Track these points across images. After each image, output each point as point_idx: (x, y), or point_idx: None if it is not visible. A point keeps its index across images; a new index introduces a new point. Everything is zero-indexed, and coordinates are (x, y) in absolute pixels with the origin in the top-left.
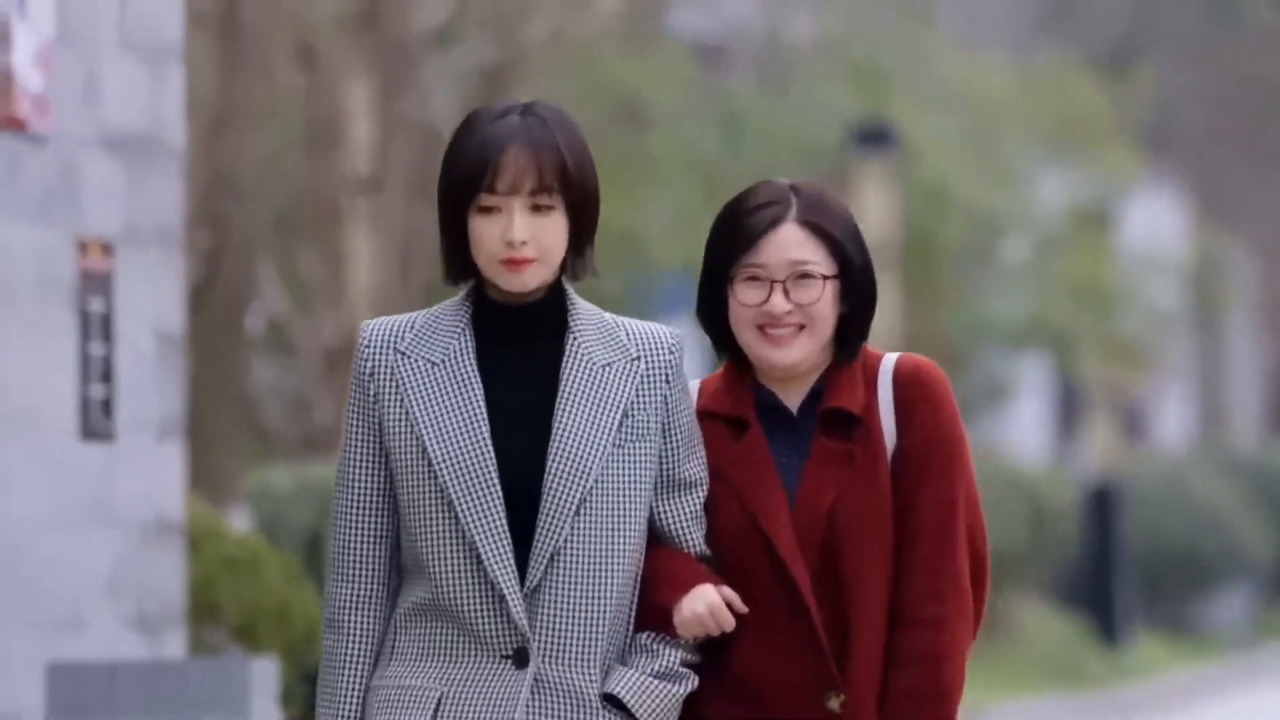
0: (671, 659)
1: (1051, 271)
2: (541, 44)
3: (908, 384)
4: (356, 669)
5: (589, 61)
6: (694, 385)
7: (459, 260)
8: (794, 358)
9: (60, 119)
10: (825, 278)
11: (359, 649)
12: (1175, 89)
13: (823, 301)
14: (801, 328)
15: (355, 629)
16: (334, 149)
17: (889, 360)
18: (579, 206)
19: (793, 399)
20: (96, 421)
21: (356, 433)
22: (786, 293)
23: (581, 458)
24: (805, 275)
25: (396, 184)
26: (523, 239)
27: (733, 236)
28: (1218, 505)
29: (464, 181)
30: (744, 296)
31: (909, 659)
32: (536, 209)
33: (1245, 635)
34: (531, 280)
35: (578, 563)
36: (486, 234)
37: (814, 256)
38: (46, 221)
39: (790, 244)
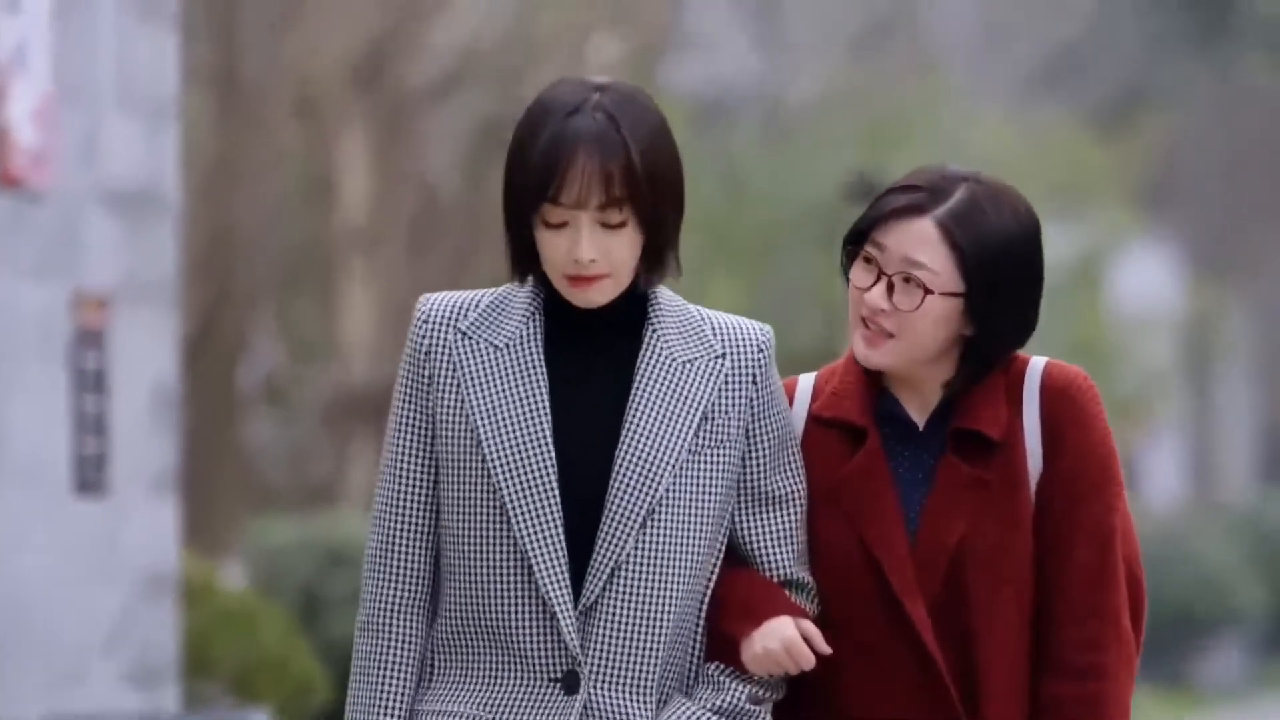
0: (738, 695)
1: (1046, 329)
2: None
3: (1058, 401)
4: (399, 676)
5: None
6: (808, 380)
7: (525, 260)
8: (878, 362)
9: (59, 175)
10: (931, 291)
11: (402, 655)
12: (1174, 145)
13: (922, 315)
14: (890, 336)
15: (397, 633)
16: (332, 202)
17: (1035, 369)
18: (657, 216)
19: (918, 410)
20: (90, 476)
21: (406, 417)
22: (891, 289)
23: (653, 464)
24: (909, 279)
25: (394, 237)
26: (591, 257)
27: (874, 203)
28: (1211, 559)
29: (528, 191)
30: (855, 276)
31: (1067, 712)
32: (606, 225)
33: (1239, 689)
34: (600, 297)
35: (640, 580)
36: (552, 249)
37: (934, 264)
38: (44, 277)
39: (915, 240)
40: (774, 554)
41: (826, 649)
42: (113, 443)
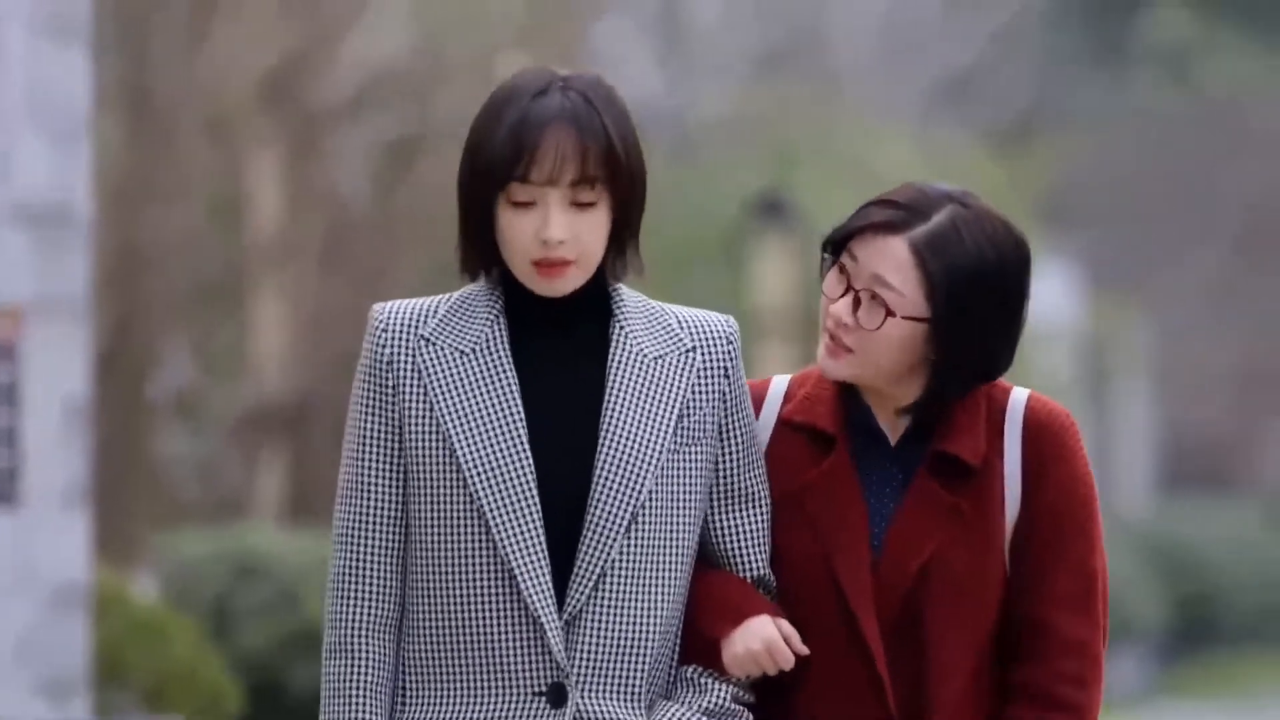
0: (721, 695)
1: None
2: (450, 120)
3: (1041, 436)
4: (372, 699)
5: None
6: (781, 382)
7: (481, 254)
8: (837, 374)
9: None
10: (894, 314)
11: (374, 677)
12: (1072, 164)
13: (882, 336)
14: (849, 350)
15: (370, 655)
16: (243, 219)
17: (1017, 402)
18: (626, 199)
19: (890, 424)
20: (1, 489)
21: (370, 430)
22: (858, 304)
23: (635, 465)
24: (875, 297)
25: (305, 253)
26: (560, 238)
27: (856, 213)
28: (1111, 570)
29: (493, 168)
30: (828, 284)
31: None
32: (577, 204)
33: (1137, 699)
34: (566, 285)
35: (625, 586)
36: (518, 231)
37: (902, 287)
38: None
39: (886, 258)
40: (748, 553)
41: (804, 649)
42: (24, 456)
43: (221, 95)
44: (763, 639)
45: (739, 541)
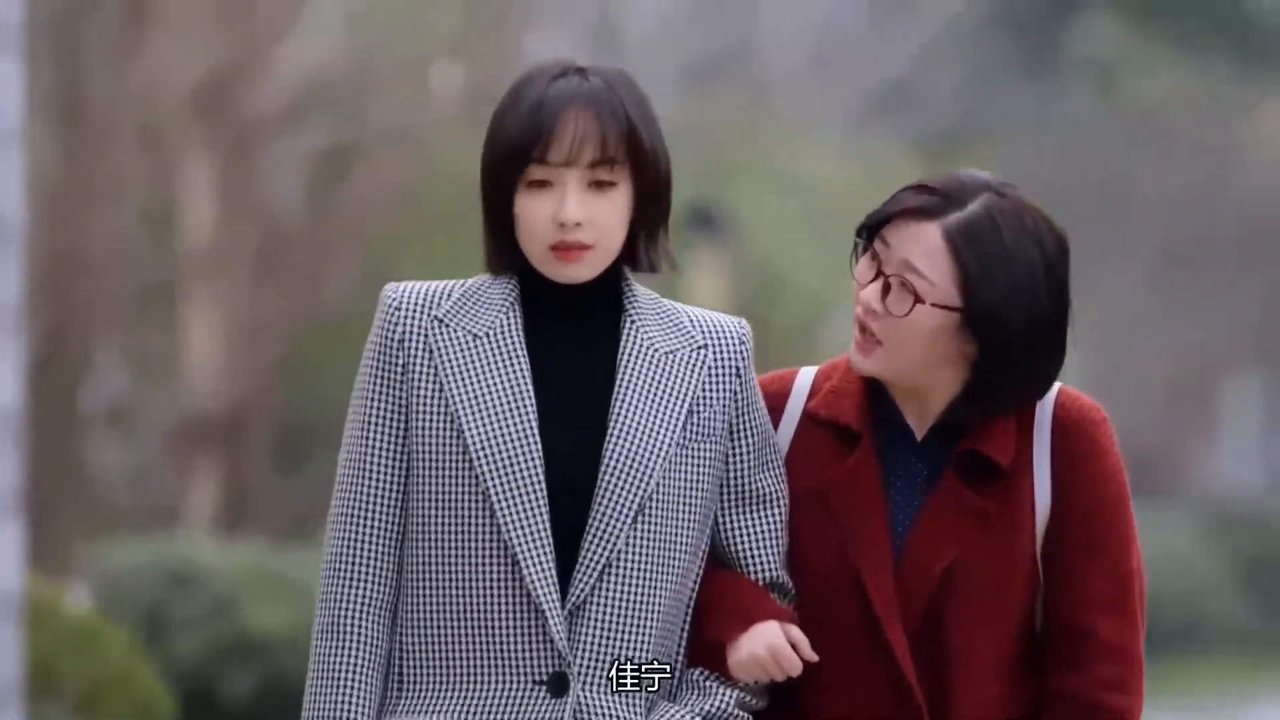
0: (725, 700)
1: None
2: (384, 130)
3: (1072, 434)
4: (364, 682)
5: (432, 147)
6: (808, 375)
7: (504, 247)
8: (867, 369)
9: None
10: (922, 300)
11: (366, 659)
12: (1002, 174)
13: (911, 324)
14: (879, 342)
15: (363, 636)
16: (176, 228)
17: (1047, 398)
18: (651, 183)
19: (917, 418)
20: None
21: (376, 409)
22: (887, 291)
23: (643, 457)
24: (905, 284)
25: (239, 262)
26: (577, 220)
27: (890, 199)
28: None
29: (511, 150)
30: (859, 269)
31: None
32: (596, 184)
33: None
34: (585, 272)
35: (630, 578)
36: (535, 213)
37: (932, 274)
38: None
39: (917, 244)
40: (759, 555)
41: (813, 656)
42: None
43: (155, 104)
44: (768, 645)
45: (750, 543)
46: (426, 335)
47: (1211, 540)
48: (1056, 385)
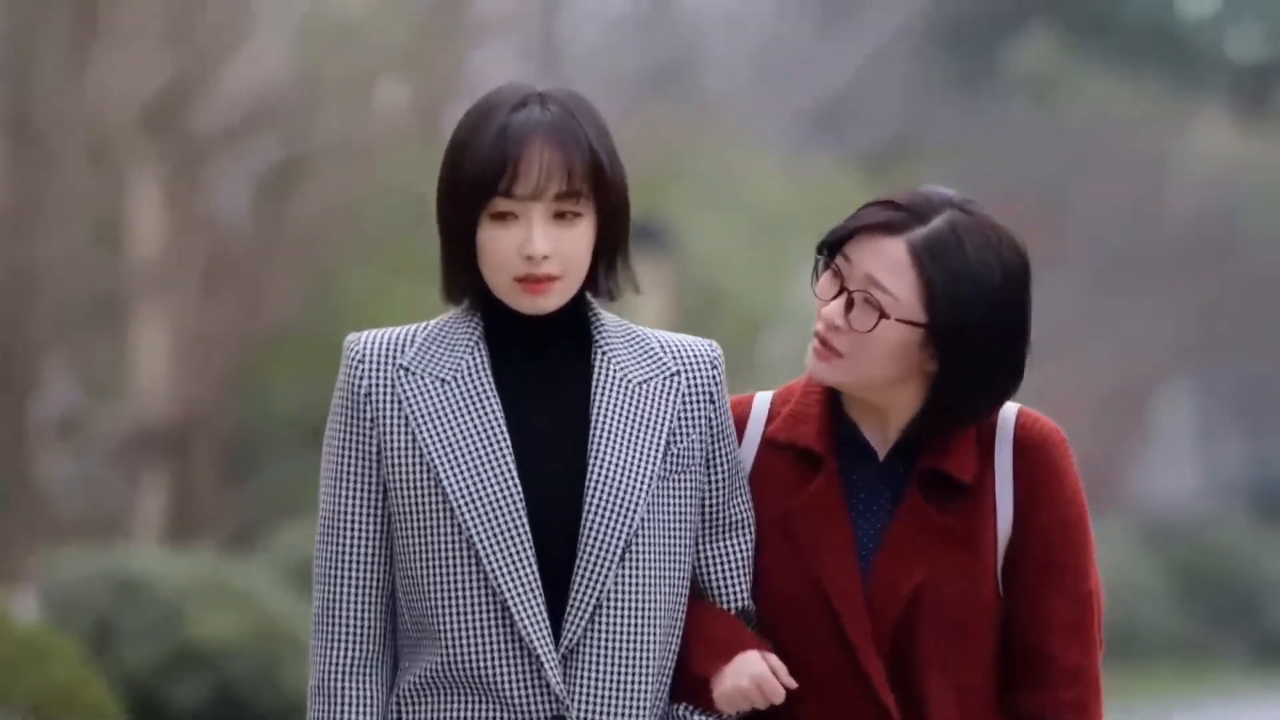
0: None
1: None
2: (331, 145)
3: (1033, 456)
4: None
5: (378, 161)
6: (764, 400)
7: (462, 275)
8: (827, 379)
9: None
10: (887, 316)
11: (360, 717)
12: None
13: (875, 340)
14: (839, 355)
15: (353, 696)
16: (124, 244)
17: (1007, 417)
18: (613, 212)
19: (879, 438)
20: None
21: (349, 464)
22: (850, 307)
23: (626, 492)
24: (869, 300)
25: (187, 277)
26: (545, 253)
27: (853, 215)
28: None
29: (475, 183)
30: (820, 287)
31: None
32: (560, 216)
33: None
34: (553, 302)
35: (622, 616)
36: (501, 246)
37: (896, 289)
38: None
39: (881, 260)
40: (731, 583)
41: (793, 683)
42: None
43: (104, 119)
44: (751, 675)
45: (724, 571)
46: (393, 385)
47: (1147, 549)
48: (1015, 405)
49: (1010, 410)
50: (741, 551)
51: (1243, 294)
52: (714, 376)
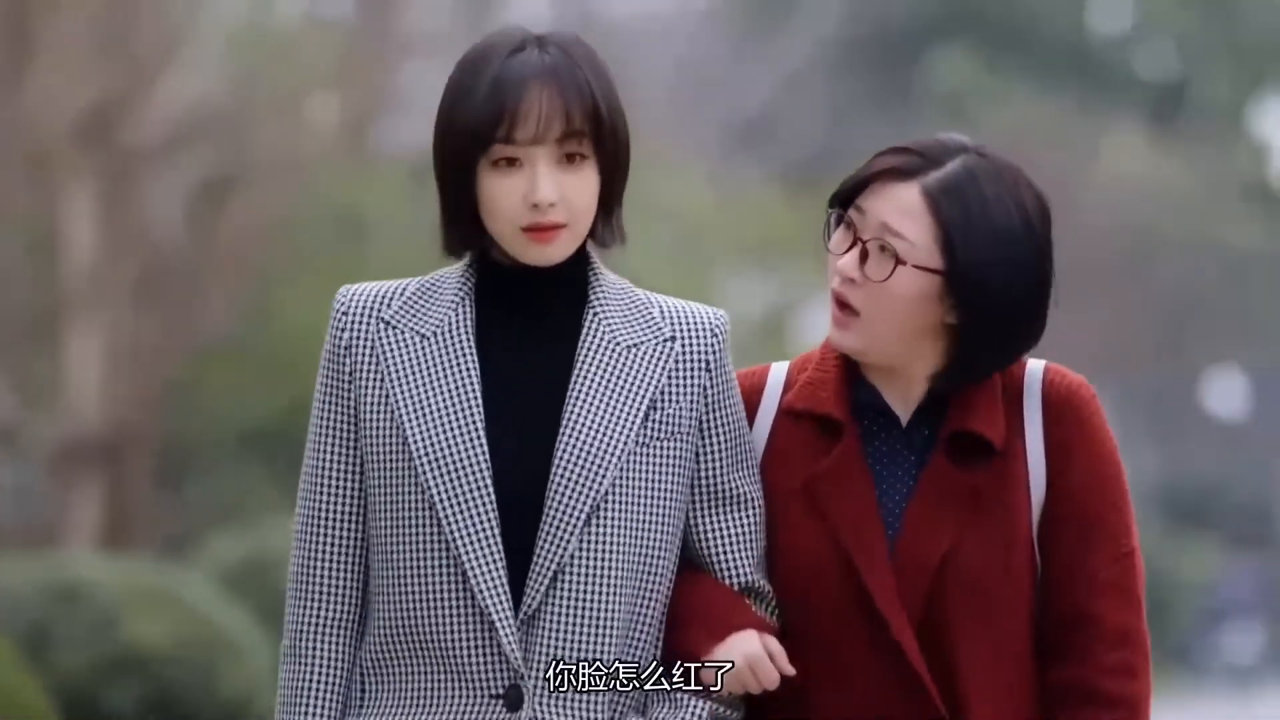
0: (698, 711)
1: None
2: (263, 160)
3: (1065, 412)
4: (324, 704)
5: (310, 175)
6: (780, 369)
7: (464, 227)
8: (847, 345)
9: None
10: (904, 262)
11: (327, 680)
12: None
13: (892, 290)
14: (857, 314)
15: (322, 656)
16: (59, 256)
17: (1034, 374)
18: (612, 156)
19: (900, 401)
20: None
21: (327, 420)
22: (865, 258)
23: (596, 456)
24: (885, 248)
25: (120, 290)
26: (551, 199)
27: (865, 165)
28: None
29: (474, 130)
30: (833, 241)
31: None
32: (568, 159)
33: None
34: (560, 251)
35: (585, 583)
36: (505, 194)
37: (912, 235)
38: None
39: (896, 206)
40: (733, 558)
41: (790, 669)
42: None
43: (38, 133)
44: (745, 655)
45: (723, 545)
46: (373, 340)
47: None
48: (1041, 362)
49: (1037, 367)
50: (743, 525)
51: (1154, 305)
52: (713, 345)
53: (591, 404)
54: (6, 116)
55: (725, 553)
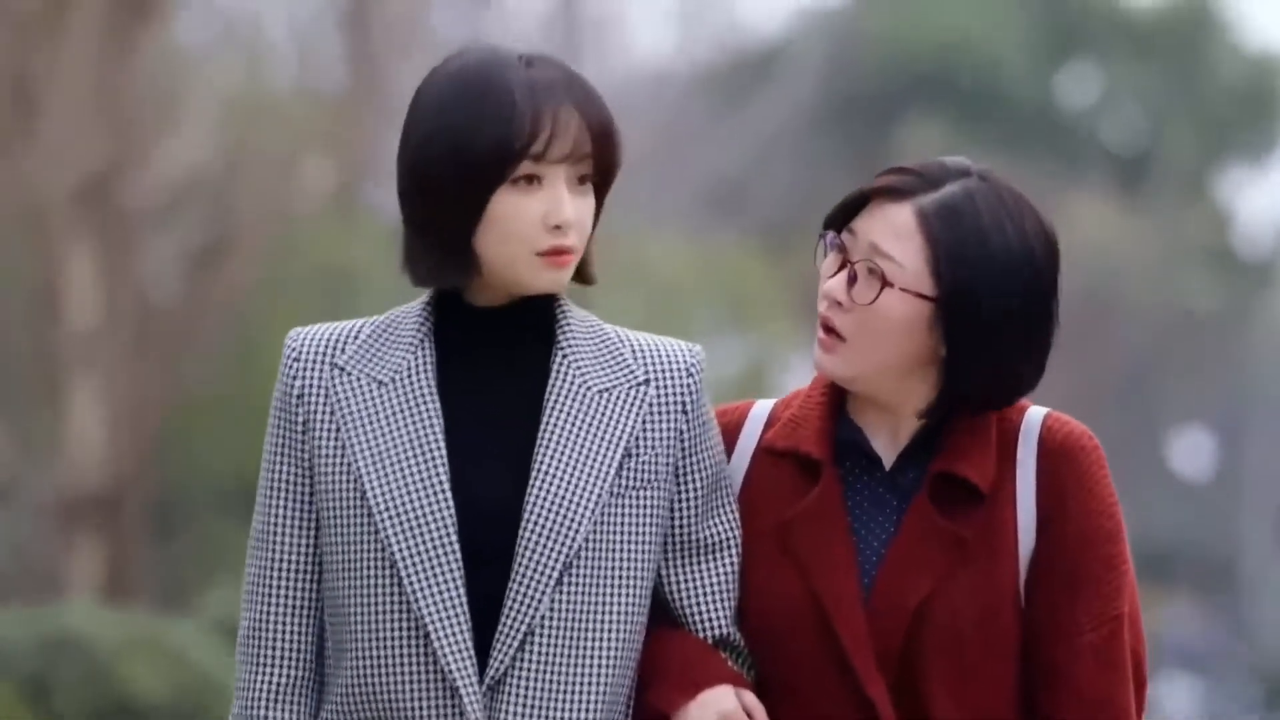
0: None
1: None
2: (256, 222)
3: (1061, 461)
4: None
5: (300, 236)
6: (764, 407)
7: (458, 254)
8: (831, 370)
9: None
10: (891, 285)
11: None
12: None
13: (880, 314)
14: (843, 339)
15: None
16: (59, 313)
17: (1032, 420)
18: (610, 180)
19: (886, 443)
20: None
21: (278, 472)
22: (853, 281)
23: (569, 509)
24: (873, 271)
25: (118, 346)
26: (572, 221)
27: (852, 193)
28: None
29: (499, 145)
30: (824, 263)
31: None
32: (581, 181)
33: None
34: (567, 278)
35: (557, 647)
36: (525, 214)
37: (902, 257)
38: None
39: (887, 227)
40: (708, 610)
41: None
42: None
43: (40, 195)
44: (719, 712)
45: (698, 597)
46: (327, 388)
47: None
48: (1043, 409)
49: (1037, 413)
50: (719, 575)
51: (1119, 366)
52: (689, 385)
53: (563, 453)
54: (10, 178)
55: (700, 605)
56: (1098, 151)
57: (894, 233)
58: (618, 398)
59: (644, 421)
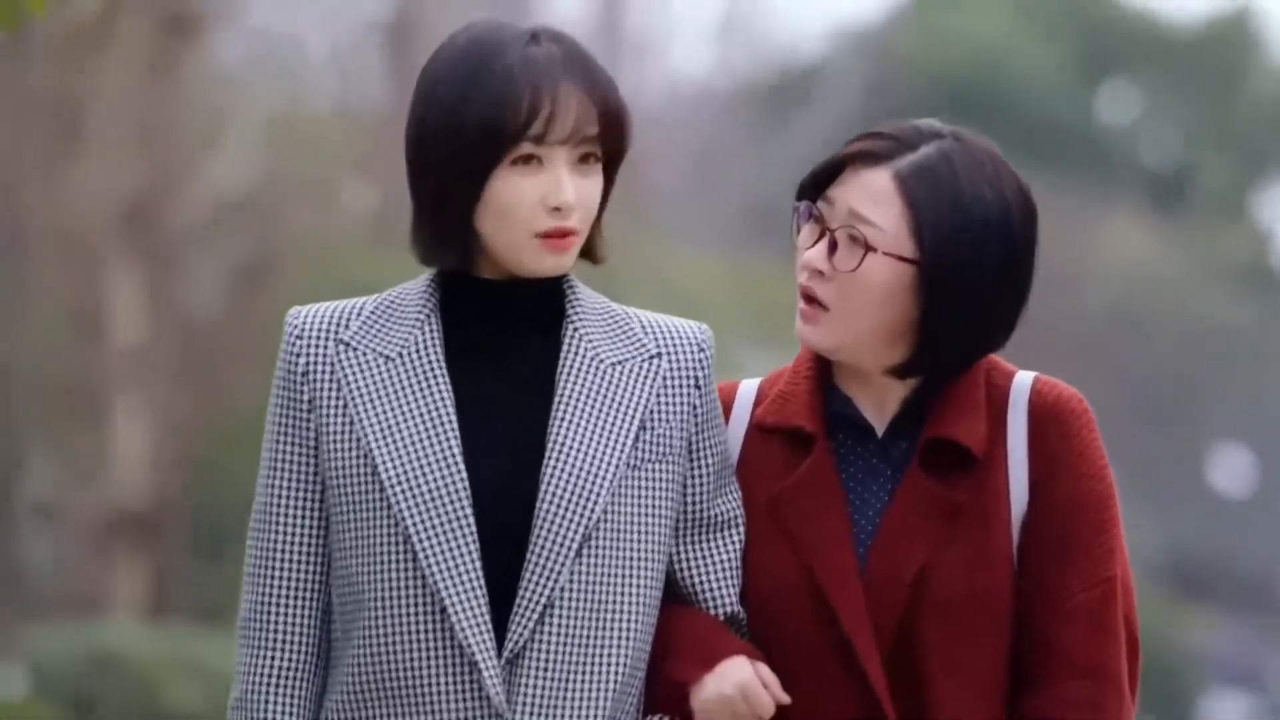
0: None
1: None
2: (296, 242)
3: (1051, 424)
4: None
5: (341, 260)
6: (751, 385)
7: (459, 235)
8: (815, 342)
9: None
10: (874, 249)
11: None
12: None
13: (862, 280)
14: (825, 308)
15: (276, 709)
16: (104, 334)
17: (1022, 383)
18: (619, 160)
19: (876, 412)
20: None
21: (284, 451)
22: (834, 249)
23: (587, 481)
24: (855, 237)
25: (162, 367)
26: (573, 203)
27: (836, 152)
28: None
29: (498, 124)
30: (801, 235)
31: None
32: (584, 161)
33: None
34: (570, 261)
35: (576, 620)
36: (524, 196)
37: (883, 221)
38: None
39: (865, 192)
40: (719, 588)
41: (785, 698)
42: None
43: (86, 218)
44: (736, 683)
45: (709, 575)
46: (333, 364)
47: None
48: (1032, 373)
49: (1026, 378)
50: (729, 552)
51: (1157, 384)
52: (700, 360)
53: (579, 425)
54: (56, 201)
55: (711, 583)
56: (1135, 171)
57: (872, 197)
58: (631, 370)
59: (658, 394)
